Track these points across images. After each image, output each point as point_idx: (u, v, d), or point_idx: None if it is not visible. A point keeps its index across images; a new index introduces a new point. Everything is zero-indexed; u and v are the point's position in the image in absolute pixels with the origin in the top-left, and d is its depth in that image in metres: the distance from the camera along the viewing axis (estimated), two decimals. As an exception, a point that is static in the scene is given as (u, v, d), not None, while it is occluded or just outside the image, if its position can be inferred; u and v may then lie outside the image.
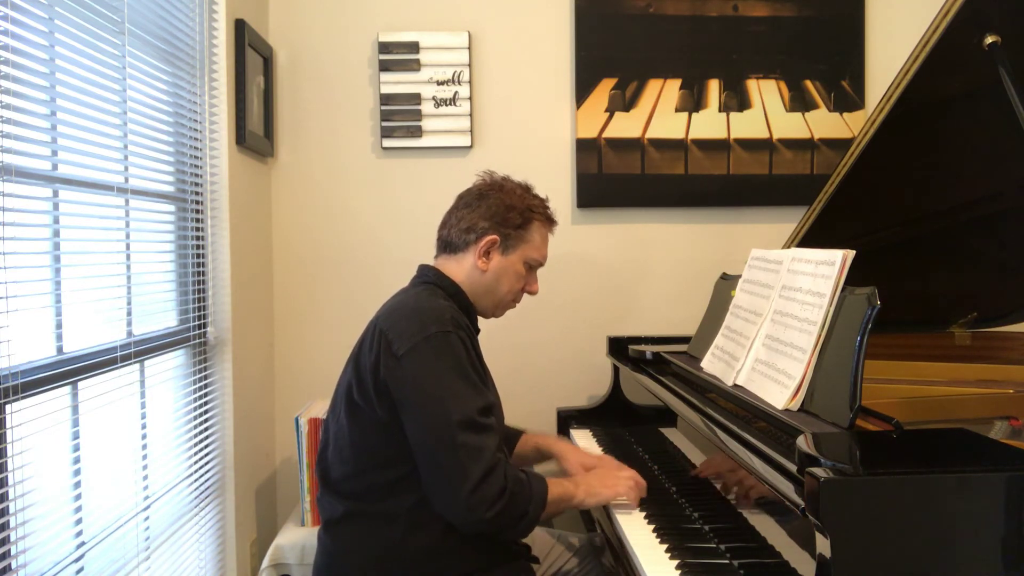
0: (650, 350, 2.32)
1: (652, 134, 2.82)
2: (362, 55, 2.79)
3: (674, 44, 2.81)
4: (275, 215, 2.79)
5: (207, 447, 2.20)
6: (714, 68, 2.83)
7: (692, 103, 2.83)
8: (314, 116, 2.79)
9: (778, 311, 1.65)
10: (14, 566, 1.31)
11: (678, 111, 2.82)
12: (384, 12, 2.78)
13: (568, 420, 2.52)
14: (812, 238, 2.10)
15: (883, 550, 1.09)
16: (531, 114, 2.83)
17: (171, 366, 2.06)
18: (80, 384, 1.58)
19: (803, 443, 1.21)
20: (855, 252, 1.49)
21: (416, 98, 2.76)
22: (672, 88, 2.82)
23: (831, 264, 1.51)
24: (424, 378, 1.59)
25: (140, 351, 1.80)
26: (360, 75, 2.80)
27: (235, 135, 2.36)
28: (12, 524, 1.32)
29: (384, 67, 2.76)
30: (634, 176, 2.82)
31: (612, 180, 2.82)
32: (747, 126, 2.84)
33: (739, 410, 1.64)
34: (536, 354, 2.83)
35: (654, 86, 2.82)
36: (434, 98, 2.77)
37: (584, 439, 2.32)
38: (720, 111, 2.83)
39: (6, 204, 1.32)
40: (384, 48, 2.76)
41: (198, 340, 2.17)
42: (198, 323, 2.16)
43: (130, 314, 1.81)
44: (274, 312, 2.79)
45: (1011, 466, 1.13)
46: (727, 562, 1.44)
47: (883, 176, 2.02)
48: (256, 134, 2.50)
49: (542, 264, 1.88)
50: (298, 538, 2.21)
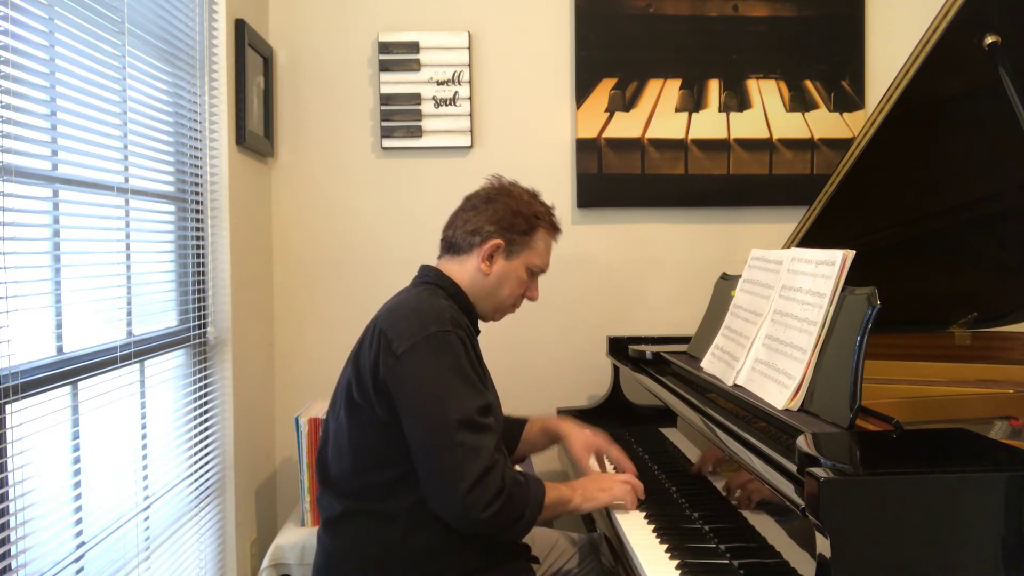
0: (650, 350, 2.32)
1: (652, 134, 2.82)
2: (362, 55, 2.79)
3: (674, 44, 2.81)
4: (275, 215, 2.79)
5: (207, 447, 2.20)
6: (714, 68, 2.83)
7: (692, 103, 2.83)
8: (314, 116, 2.79)
9: (778, 311, 1.65)
10: (14, 566, 1.31)
11: (678, 111, 2.82)
12: (384, 12, 2.78)
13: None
14: (812, 238, 2.10)
15: (883, 550, 1.09)
16: (531, 114, 2.83)
17: (171, 366, 2.06)
18: (80, 384, 1.58)
19: (803, 443, 1.21)
20: (855, 252, 1.49)
21: (416, 98, 2.76)
22: (672, 88, 2.82)
23: (831, 264, 1.51)
24: (423, 377, 1.59)
25: (140, 351, 1.80)
26: (360, 75, 2.80)
27: (235, 135, 2.36)
28: (12, 524, 1.32)
29: (384, 67, 2.76)
30: (634, 176, 2.82)
31: (612, 180, 2.82)
32: (747, 126, 2.84)
33: (739, 410, 1.64)
34: (536, 354, 2.83)
35: (654, 86, 2.82)
36: (434, 98, 2.77)
37: (584, 439, 2.32)
38: (720, 111, 2.83)
39: (6, 204, 1.32)
40: (384, 48, 2.76)
41: (198, 340, 2.17)
42: (198, 323, 2.16)
43: (130, 314, 1.82)
44: (274, 312, 2.80)
45: (1011, 466, 1.13)
46: (727, 562, 1.44)
47: (883, 176, 2.02)
48: (256, 134, 2.50)
49: (544, 271, 1.88)
50: (298, 538, 2.21)
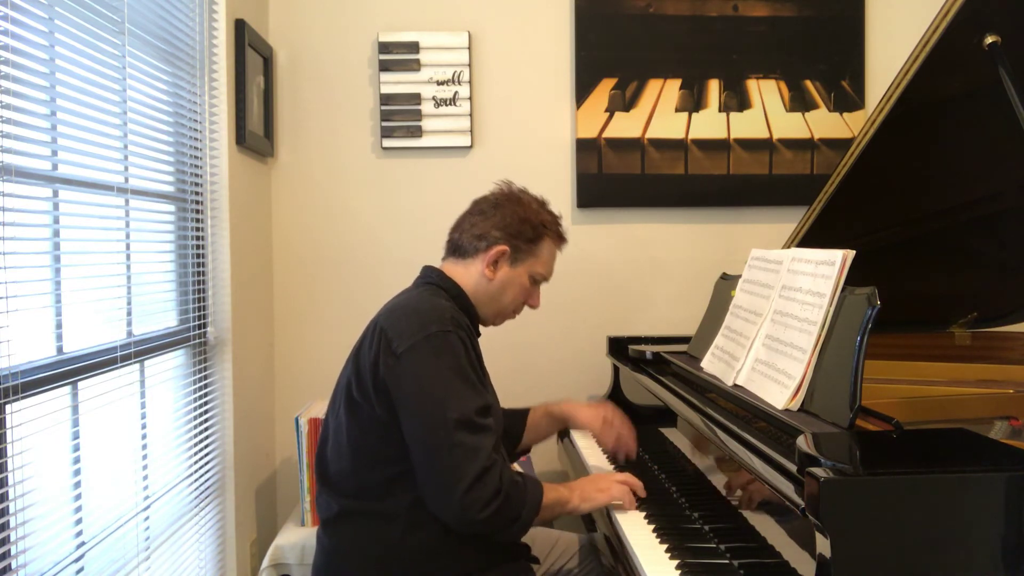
0: (650, 350, 2.32)
1: (652, 134, 2.82)
2: (362, 55, 2.79)
3: (674, 44, 2.81)
4: (275, 215, 2.79)
5: (207, 447, 2.20)
6: (714, 68, 2.83)
7: (692, 103, 2.83)
8: (314, 116, 2.79)
9: (778, 311, 1.65)
10: (14, 566, 1.31)
11: (678, 111, 2.82)
12: (384, 12, 2.78)
13: (568, 420, 2.52)
14: (812, 238, 2.10)
15: (883, 550, 1.09)
16: (531, 114, 2.83)
17: (171, 366, 2.06)
18: (80, 384, 1.58)
19: (803, 443, 1.21)
20: (855, 252, 1.49)
21: (416, 98, 2.76)
22: (672, 88, 2.82)
23: (831, 264, 1.51)
24: (423, 377, 1.59)
25: (140, 351, 1.80)
26: (360, 75, 2.80)
27: (235, 135, 2.36)
28: (12, 524, 1.32)
29: (384, 67, 2.76)
30: (634, 176, 2.82)
31: (612, 180, 2.82)
32: (747, 126, 2.84)
33: (739, 410, 1.64)
34: (536, 354, 2.83)
35: (654, 86, 2.82)
36: (434, 98, 2.77)
37: (584, 439, 2.32)
38: (720, 111, 2.83)
39: (6, 204, 1.32)
40: (384, 48, 2.76)
41: (198, 340, 2.17)
42: (198, 323, 2.16)
43: (130, 314, 1.82)
44: (274, 312, 2.80)
45: (1011, 466, 1.13)
46: (727, 562, 1.44)
47: (883, 176, 2.02)
48: (256, 134, 2.50)
49: (547, 280, 1.89)
50: (298, 538, 2.21)
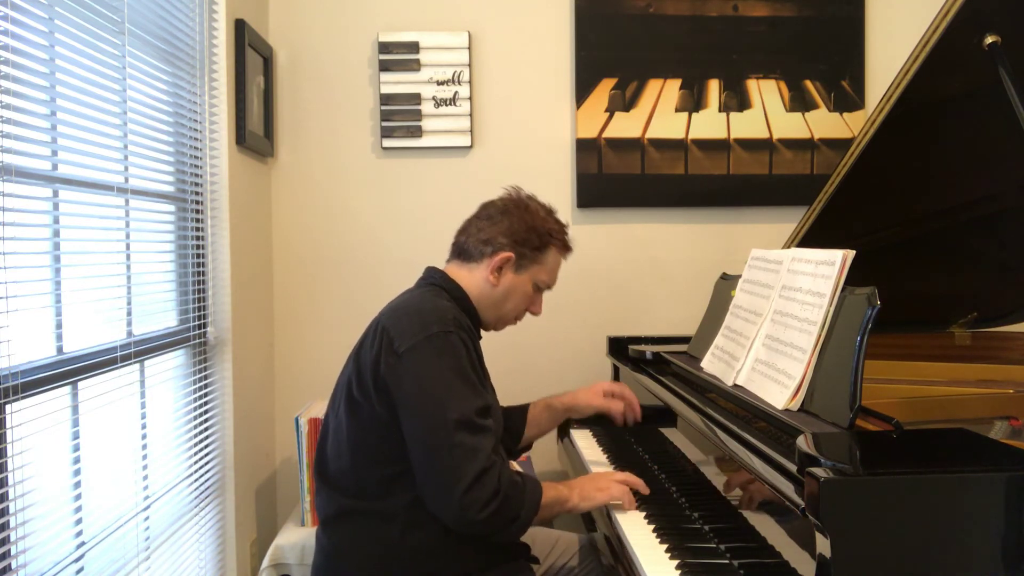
0: (650, 350, 2.31)
1: (652, 134, 2.82)
2: (362, 55, 2.79)
3: (674, 44, 2.81)
4: (275, 215, 2.79)
5: (207, 447, 2.20)
6: (714, 68, 2.83)
7: (692, 103, 2.83)
8: (314, 116, 2.79)
9: (778, 311, 1.65)
10: (14, 566, 1.31)
11: (678, 111, 2.82)
12: (384, 12, 2.78)
13: (568, 420, 2.51)
14: (812, 238, 2.10)
15: (883, 550, 1.09)
16: (531, 114, 2.83)
17: (171, 366, 2.06)
18: (80, 384, 1.58)
19: (803, 443, 1.21)
20: (855, 252, 1.48)
21: (416, 98, 2.76)
22: (672, 88, 2.82)
23: (831, 264, 1.51)
24: (424, 376, 1.59)
25: (140, 351, 1.80)
26: (360, 75, 2.80)
27: (235, 135, 2.36)
28: (12, 524, 1.32)
29: (384, 67, 2.76)
30: (634, 176, 2.82)
31: (612, 180, 2.82)
32: (747, 126, 2.84)
33: (739, 410, 1.64)
34: (536, 354, 2.83)
35: (654, 86, 2.82)
36: (434, 98, 2.77)
37: (584, 439, 2.32)
38: (720, 111, 2.83)
39: (6, 204, 1.32)
40: (384, 48, 2.76)
41: (198, 340, 2.17)
42: (198, 323, 2.16)
43: (130, 314, 1.82)
44: (274, 312, 2.80)
45: (1011, 466, 1.13)
46: (727, 562, 1.44)
47: (883, 176, 2.02)
48: (256, 134, 2.50)
49: (550, 287, 1.89)
50: (298, 538, 2.21)
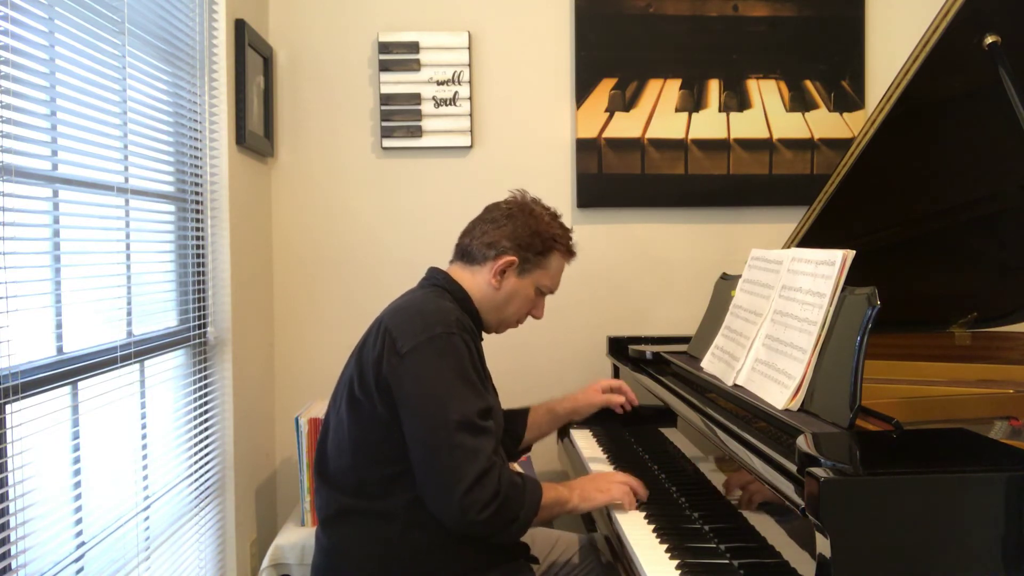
0: (650, 350, 2.32)
1: (652, 134, 2.82)
2: (362, 55, 2.79)
3: (674, 44, 2.81)
4: (275, 215, 2.79)
5: (207, 447, 2.20)
6: (714, 68, 2.83)
7: (692, 103, 2.83)
8: (314, 116, 2.79)
9: (778, 311, 1.65)
10: (14, 566, 1.31)
11: (678, 111, 2.82)
12: (384, 12, 2.78)
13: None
14: (812, 238, 2.10)
15: (883, 550, 1.09)
16: (531, 114, 2.83)
17: (171, 366, 2.06)
18: (80, 384, 1.58)
19: (803, 443, 1.21)
20: (855, 252, 1.48)
21: (416, 98, 2.76)
22: (672, 88, 2.82)
23: (831, 264, 1.51)
24: (425, 377, 1.59)
25: (140, 351, 1.80)
26: (360, 75, 2.80)
27: (235, 135, 2.36)
28: (12, 524, 1.32)
29: (384, 67, 2.76)
30: (634, 176, 2.82)
31: (612, 180, 2.82)
32: (747, 126, 2.84)
33: (739, 410, 1.64)
34: (536, 354, 2.83)
35: (654, 86, 2.82)
36: (434, 98, 2.77)
37: (584, 439, 2.32)
38: (720, 111, 2.83)
39: (6, 204, 1.32)
40: (384, 48, 2.76)
41: (198, 340, 2.17)
42: (198, 323, 2.16)
43: (130, 314, 1.82)
44: (274, 312, 2.80)
45: (1011, 466, 1.13)
46: (727, 562, 1.44)
47: (883, 176, 2.02)
48: (256, 134, 2.50)
49: (552, 292, 1.89)
50: (298, 538, 2.21)
